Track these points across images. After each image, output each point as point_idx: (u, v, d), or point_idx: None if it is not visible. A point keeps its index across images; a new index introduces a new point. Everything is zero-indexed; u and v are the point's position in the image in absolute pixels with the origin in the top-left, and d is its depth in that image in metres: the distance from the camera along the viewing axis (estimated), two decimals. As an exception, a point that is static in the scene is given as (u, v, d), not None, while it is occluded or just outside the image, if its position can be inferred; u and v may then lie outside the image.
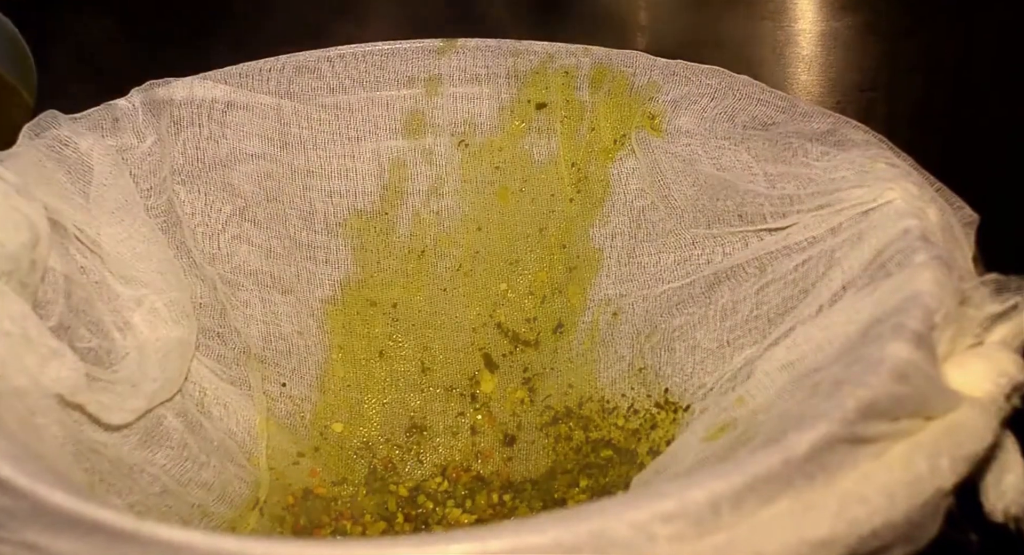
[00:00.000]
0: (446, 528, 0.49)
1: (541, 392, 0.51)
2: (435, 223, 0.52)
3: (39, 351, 0.36)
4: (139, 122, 0.47)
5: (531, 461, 0.51)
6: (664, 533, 0.27)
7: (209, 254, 0.48)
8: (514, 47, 0.51)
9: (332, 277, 0.51)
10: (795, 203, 0.42)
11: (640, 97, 0.49)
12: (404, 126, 0.51)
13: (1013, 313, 0.35)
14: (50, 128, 0.45)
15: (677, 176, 0.47)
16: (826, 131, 0.43)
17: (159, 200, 0.47)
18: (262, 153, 0.50)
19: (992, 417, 0.32)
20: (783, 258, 0.42)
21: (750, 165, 0.44)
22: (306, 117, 0.50)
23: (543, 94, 0.51)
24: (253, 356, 0.49)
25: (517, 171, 0.52)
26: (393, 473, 0.51)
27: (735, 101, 0.46)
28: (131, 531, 0.28)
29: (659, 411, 0.47)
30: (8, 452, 0.31)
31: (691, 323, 0.46)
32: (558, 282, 0.51)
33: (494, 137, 0.52)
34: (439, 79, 0.51)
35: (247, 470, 0.47)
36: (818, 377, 0.35)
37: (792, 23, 0.77)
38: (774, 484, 0.29)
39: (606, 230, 0.50)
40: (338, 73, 0.51)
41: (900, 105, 0.74)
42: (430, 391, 0.52)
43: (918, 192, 0.38)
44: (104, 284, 0.43)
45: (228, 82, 0.49)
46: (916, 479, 0.30)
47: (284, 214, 0.50)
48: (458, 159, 0.52)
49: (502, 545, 0.27)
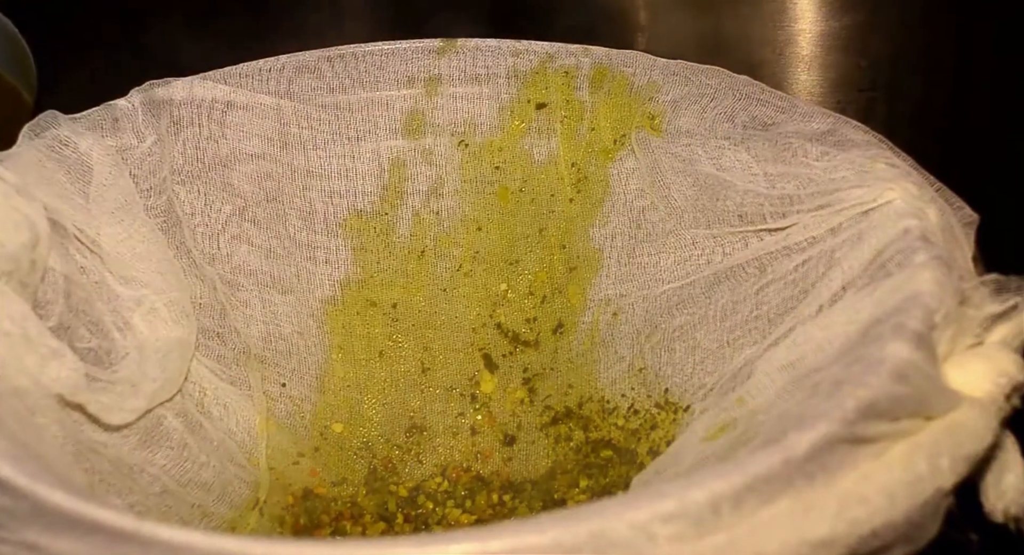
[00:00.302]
0: (446, 528, 0.49)
1: (541, 392, 0.51)
2: (435, 223, 0.52)
3: (39, 351, 0.36)
4: (139, 122, 0.47)
5: (531, 461, 0.51)
6: (664, 533, 0.27)
7: (209, 254, 0.48)
8: (514, 47, 0.51)
9: (332, 277, 0.51)
10: (795, 203, 0.42)
11: (640, 97, 0.49)
12: (404, 126, 0.51)
13: (1013, 313, 0.35)
14: (50, 128, 0.45)
15: (677, 176, 0.47)
16: (826, 131, 0.43)
17: (159, 200, 0.47)
18: (262, 153, 0.50)
19: (992, 417, 0.32)
20: (783, 258, 0.42)
21: (750, 165, 0.44)
22: (306, 117, 0.50)
23: (543, 94, 0.51)
24: (253, 356, 0.49)
25: (517, 171, 0.52)
26: (393, 473, 0.51)
27: (735, 101, 0.46)
28: (131, 531, 0.28)
29: (659, 411, 0.47)
30: (8, 452, 0.31)
31: (691, 323, 0.46)
32: (558, 282, 0.51)
33: (494, 137, 0.52)
34: (439, 79, 0.51)
35: (247, 470, 0.47)
36: (818, 377, 0.35)
37: (792, 23, 0.77)
38: (774, 484, 0.29)
39: (606, 230, 0.50)
40: (338, 73, 0.51)
41: (900, 105, 0.74)
42: (430, 391, 0.52)
43: (918, 192, 0.38)
44: (104, 284, 0.43)
45: (228, 82, 0.49)
46: (916, 479, 0.30)
47: (284, 214, 0.50)
48: (458, 159, 0.52)
49: (502, 545, 0.27)
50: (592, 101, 0.50)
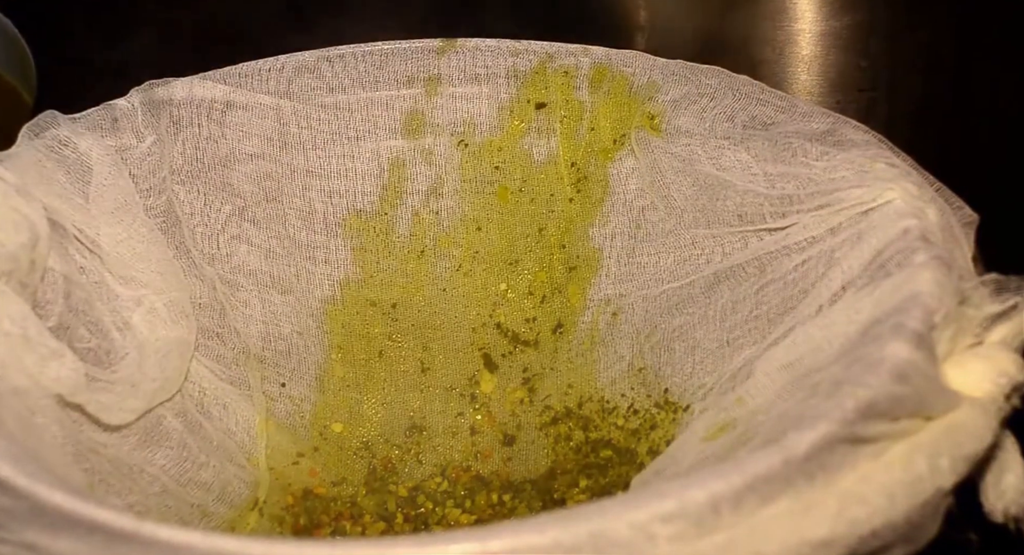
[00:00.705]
0: (446, 528, 0.49)
1: (541, 392, 0.51)
2: (435, 223, 0.52)
3: (39, 351, 0.36)
4: (138, 122, 0.47)
5: (531, 461, 0.51)
6: (664, 533, 0.27)
7: (208, 254, 0.48)
8: (513, 47, 0.51)
9: (331, 277, 0.51)
10: (795, 203, 0.42)
11: (640, 97, 0.49)
12: (404, 126, 0.51)
13: (1013, 313, 0.35)
14: (49, 128, 0.45)
15: (677, 176, 0.47)
16: (826, 131, 0.43)
17: (158, 200, 0.47)
18: (261, 153, 0.50)
19: (992, 417, 0.32)
20: (783, 258, 0.42)
21: (750, 165, 0.44)
22: (306, 117, 0.50)
23: (543, 94, 0.51)
24: (252, 356, 0.49)
25: (517, 171, 0.52)
26: (392, 473, 0.51)
27: (735, 101, 0.46)
28: (131, 531, 0.28)
29: (659, 411, 0.47)
30: (8, 452, 0.31)
31: (691, 323, 0.46)
32: (558, 282, 0.51)
33: (494, 137, 0.52)
34: (438, 79, 0.51)
35: (246, 470, 0.47)
36: (818, 377, 0.35)
37: (792, 23, 0.77)
38: (774, 484, 0.29)
39: (606, 230, 0.50)
40: (338, 73, 0.51)
41: (900, 105, 0.74)
42: (429, 391, 0.52)
43: (918, 192, 0.38)
44: (103, 284, 0.43)
45: (228, 82, 0.49)
46: (916, 479, 0.30)
47: (283, 214, 0.50)
48: (458, 159, 0.52)
49: (502, 545, 0.27)
50: (592, 101, 0.50)
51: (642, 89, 0.49)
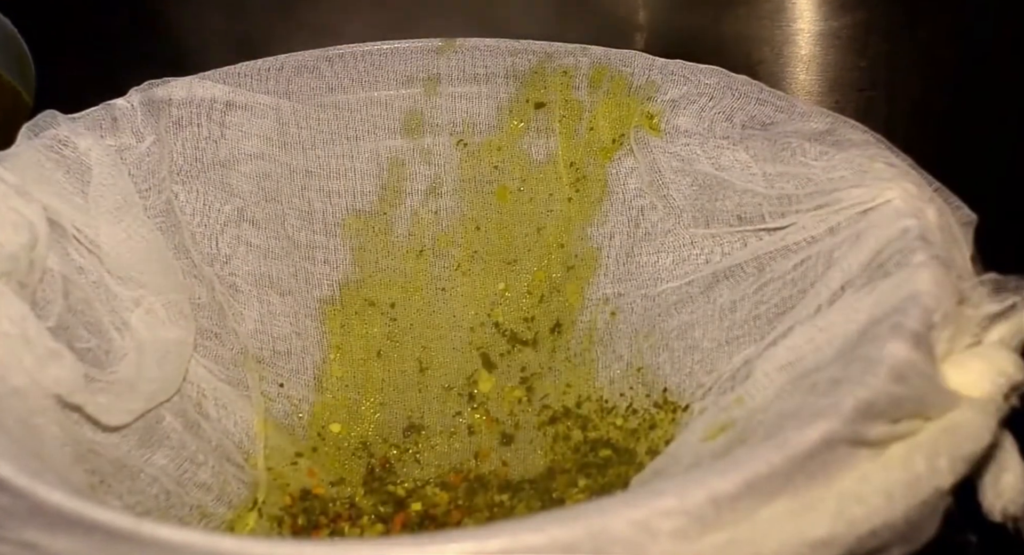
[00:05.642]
0: (444, 528, 0.49)
1: (539, 392, 0.51)
2: (433, 223, 0.52)
3: (38, 351, 0.36)
4: (138, 122, 0.47)
5: (529, 461, 0.51)
6: (666, 528, 0.27)
7: (208, 255, 0.48)
8: (512, 47, 0.51)
9: (330, 277, 0.51)
10: (793, 203, 0.42)
11: (639, 97, 0.49)
12: (403, 126, 0.51)
13: (1011, 313, 0.35)
14: (49, 128, 0.45)
15: (676, 176, 0.47)
16: (824, 131, 0.43)
17: (158, 200, 0.47)
18: (261, 153, 0.50)
19: (990, 417, 0.32)
20: (782, 258, 0.42)
21: (748, 165, 0.44)
22: (305, 117, 0.50)
23: (542, 94, 0.51)
24: (251, 357, 0.49)
25: (516, 171, 0.52)
26: (391, 473, 0.51)
27: (734, 101, 0.46)
28: (130, 531, 0.28)
29: (658, 411, 0.47)
30: (8, 451, 0.31)
31: (690, 323, 0.46)
32: (556, 281, 0.51)
33: (492, 137, 0.52)
34: (438, 79, 0.51)
35: (245, 471, 0.47)
36: (817, 377, 0.35)
37: (791, 23, 0.77)
38: (773, 483, 0.29)
39: (604, 229, 0.50)
40: (337, 73, 0.51)
41: (899, 105, 0.74)
42: (428, 391, 0.52)
43: (917, 192, 0.38)
44: (102, 284, 0.43)
45: (227, 82, 0.49)
46: (915, 479, 0.30)
47: (283, 214, 0.50)
48: (457, 159, 0.52)
49: (500, 545, 0.27)
50: (591, 101, 0.50)
51: (641, 89, 0.49)
